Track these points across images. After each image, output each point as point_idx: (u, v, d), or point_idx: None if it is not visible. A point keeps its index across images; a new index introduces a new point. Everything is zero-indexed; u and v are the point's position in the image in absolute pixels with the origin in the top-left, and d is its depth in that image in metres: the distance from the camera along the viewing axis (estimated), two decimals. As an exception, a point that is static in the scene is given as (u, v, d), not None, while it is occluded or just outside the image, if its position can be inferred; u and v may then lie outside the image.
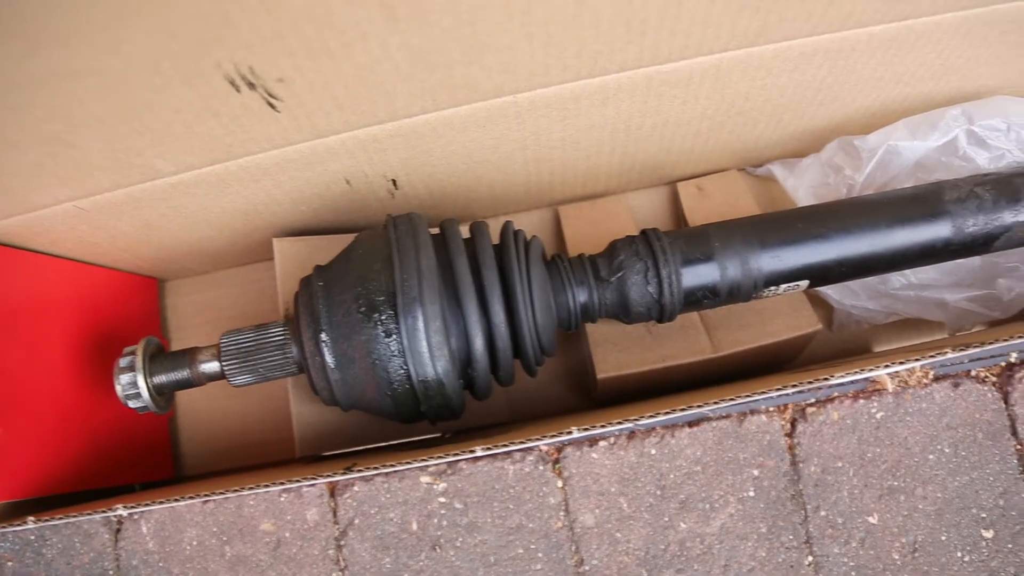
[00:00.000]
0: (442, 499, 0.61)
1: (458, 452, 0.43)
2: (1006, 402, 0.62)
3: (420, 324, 0.45)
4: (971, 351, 0.62)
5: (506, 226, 0.51)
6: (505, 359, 0.48)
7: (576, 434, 0.44)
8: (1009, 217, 0.51)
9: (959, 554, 0.61)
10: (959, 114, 0.54)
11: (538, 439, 0.42)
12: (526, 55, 0.43)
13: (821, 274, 0.50)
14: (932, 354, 0.50)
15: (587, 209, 0.62)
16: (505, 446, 0.44)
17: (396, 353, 0.45)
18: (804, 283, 0.50)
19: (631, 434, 0.61)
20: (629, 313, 0.49)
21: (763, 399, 0.58)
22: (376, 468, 0.47)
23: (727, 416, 0.61)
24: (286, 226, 0.57)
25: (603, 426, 0.42)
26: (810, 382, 0.51)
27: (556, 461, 0.62)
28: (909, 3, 0.47)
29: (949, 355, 0.59)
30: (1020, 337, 0.59)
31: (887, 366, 0.53)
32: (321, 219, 0.56)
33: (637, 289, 0.48)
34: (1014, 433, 0.62)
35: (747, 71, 0.49)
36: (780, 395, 0.58)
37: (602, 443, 0.62)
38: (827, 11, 0.45)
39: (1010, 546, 0.61)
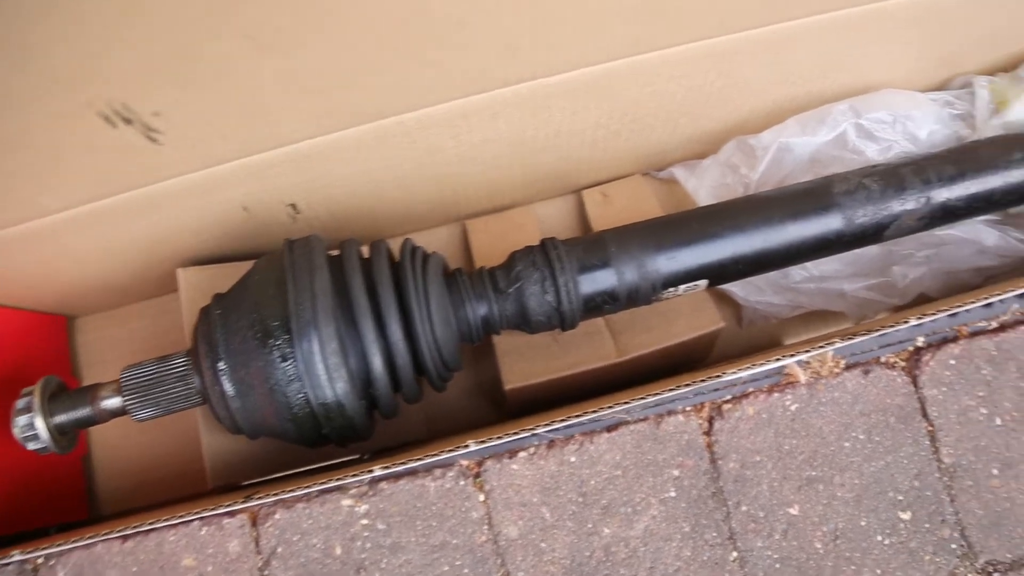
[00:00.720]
0: (364, 521, 0.63)
1: (359, 472, 0.44)
2: (915, 385, 0.65)
3: (316, 347, 0.46)
4: (879, 335, 0.65)
5: (404, 243, 0.52)
6: (406, 376, 0.49)
7: (472, 447, 0.46)
8: (897, 206, 0.54)
9: (879, 538, 0.64)
10: (846, 109, 0.57)
11: (435, 455, 0.44)
12: (407, 76, 0.45)
13: (719, 272, 0.52)
14: (821, 345, 0.52)
15: (494, 222, 0.64)
16: (404, 463, 0.45)
17: (294, 377, 0.46)
18: (703, 282, 0.53)
19: (550, 443, 0.63)
20: (530, 323, 0.51)
21: (672, 396, 0.60)
22: (292, 491, 0.48)
23: (644, 419, 0.63)
24: (191, 256, 0.58)
25: (499, 438, 0.44)
26: (717, 376, 0.53)
27: (477, 475, 0.63)
28: (785, 5, 0.50)
29: (857, 341, 0.62)
30: (921, 319, 0.62)
31: (792, 355, 0.56)
32: (225, 247, 0.58)
33: (535, 299, 0.50)
34: (925, 415, 0.65)
35: (634, 79, 0.51)
36: (692, 391, 0.60)
37: (522, 454, 0.63)
38: (704, 17, 0.48)
39: (927, 526, 0.64)
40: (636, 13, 0.44)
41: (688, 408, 0.65)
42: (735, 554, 0.62)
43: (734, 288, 0.60)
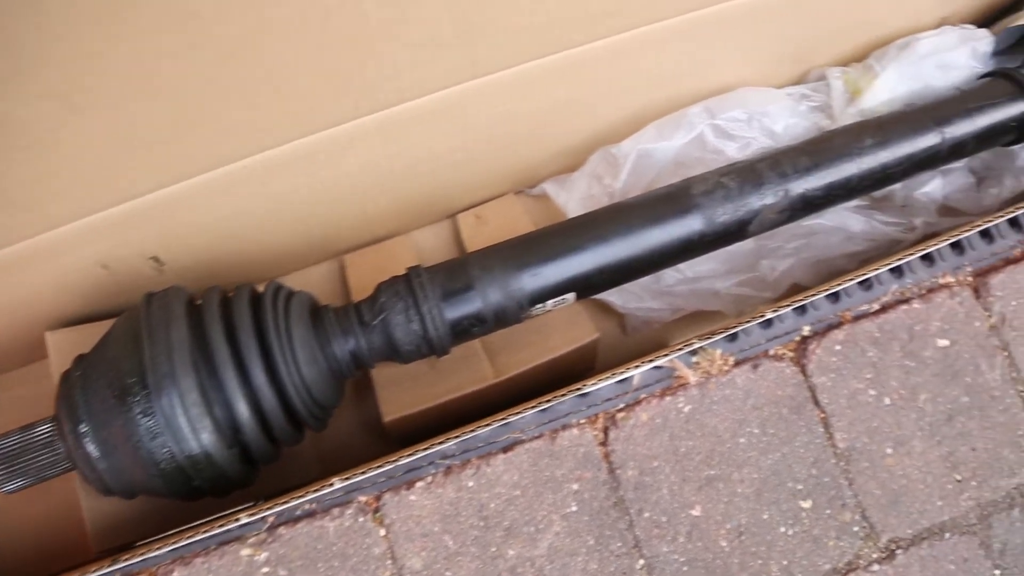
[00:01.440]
0: (265, 569, 0.63)
1: (254, 520, 0.45)
2: (804, 374, 0.67)
3: (175, 400, 0.47)
4: (765, 328, 0.67)
5: (268, 285, 0.53)
6: (276, 420, 0.50)
7: (337, 484, 0.46)
8: (756, 202, 0.57)
9: (783, 529, 0.66)
10: (701, 111, 0.60)
11: (301, 496, 0.45)
12: (242, 122, 0.46)
13: (585, 285, 0.54)
14: (693, 340, 0.54)
15: (372, 254, 0.66)
16: (297, 505, 0.46)
17: (156, 432, 0.47)
18: (571, 296, 0.54)
19: (447, 470, 0.64)
20: (400, 353, 0.52)
21: (565, 408, 0.61)
22: (188, 542, 0.48)
23: (539, 436, 0.65)
24: (58, 318, 0.58)
25: (363, 472, 0.45)
26: (594, 384, 0.55)
27: (376, 510, 0.64)
28: (624, 17, 0.52)
29: (744, 336, 0.64)
30: (800, 306, 0.64)
31: (666, 356, 0.57)
32: (92, 306, 0.58)
33: (401, 329, 0.52)
34: (816, 403, 0.67)
35: (481, 102, 0.53)
36: (585, 403, 0.61)
37: (419, 484, 0.64)
38: (539, 36, 0.49)
39: (828, 511, 0.66)
40: (468, 38, 0.46)
41: (582, 420, 0.66)
42: (642, 562, 0.64)
43: (612, 297, 0.62)
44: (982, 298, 0.72)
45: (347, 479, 0.47)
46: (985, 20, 0.76)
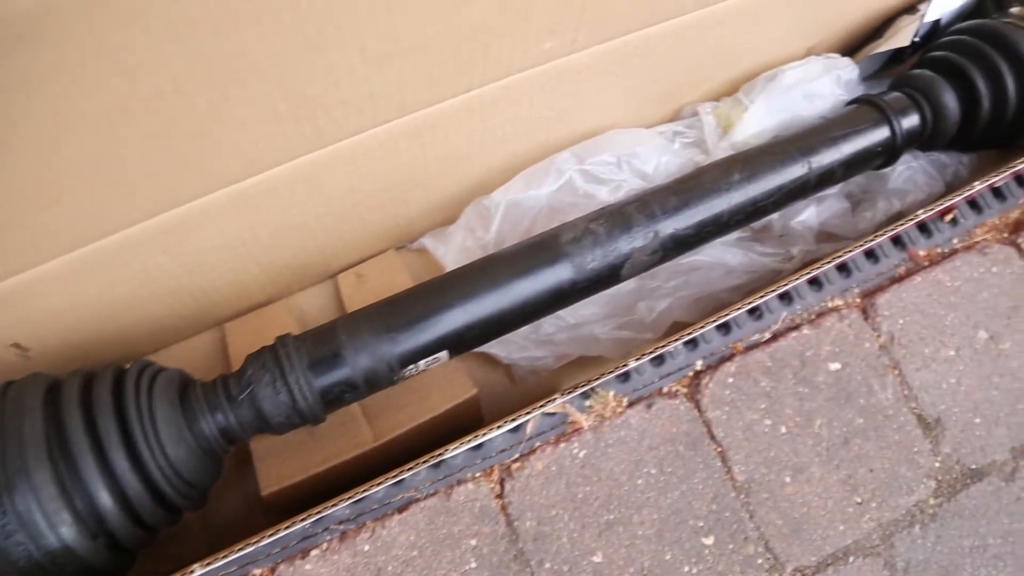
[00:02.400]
0: (156, 656, 0.62)
1: None
2: (699, 410, 0.69)
3: (29, 496, 0.47)
4: (658, 367, 0.69)
5: (133, 365, 0.53)
6: (143, 505, 0.50)
7: (229, 558, 0.47)
8: (626, 245, 0.59)
9: (687, 568, 0.67)
10: (569, 157, 0.62)
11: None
12: (89, 203, 0.47)
13: (456, 342, 0.55)
14: (585, 383, 0.55)
15: (253, 321, 0.66)
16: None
17: (10, 531, 0.47)
18: (443, 354, 0.55)
19: (342, 535, 0.65)
20: (271, 425, 0.53)
21: (459, 463, 0.62)
22: None
23: (434, 493, 0.66)
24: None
25: (255, 543, 0.45)
26: (473, 440, 0.55)
27: (269, 587, 0.63)
28: (476, 73, 0.54)
29: (636, 372, 0.66)
30: (688, 338, 0.66)
31: (558, 400, 0.58)
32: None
33: (269, 401, 0.52)
34: (712, 437, 0.69)
35: (336, 168, 0.55)
36: (479, 455, 0.62)
37: (314, 552, 0.64)
38: (382, 103, 0.51)
39: (731, 546, 0.68)
40: (307, 111, 0.47)
41: (477, 474, 0.67)
42: (546, 614, 0.65)
43: (495, 349, 0.63)
44: (870, 319, 0.75)
45: (239, 551, 0.47)
46: (850, 48, 0.80)
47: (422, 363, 0.56)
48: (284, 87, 0.45)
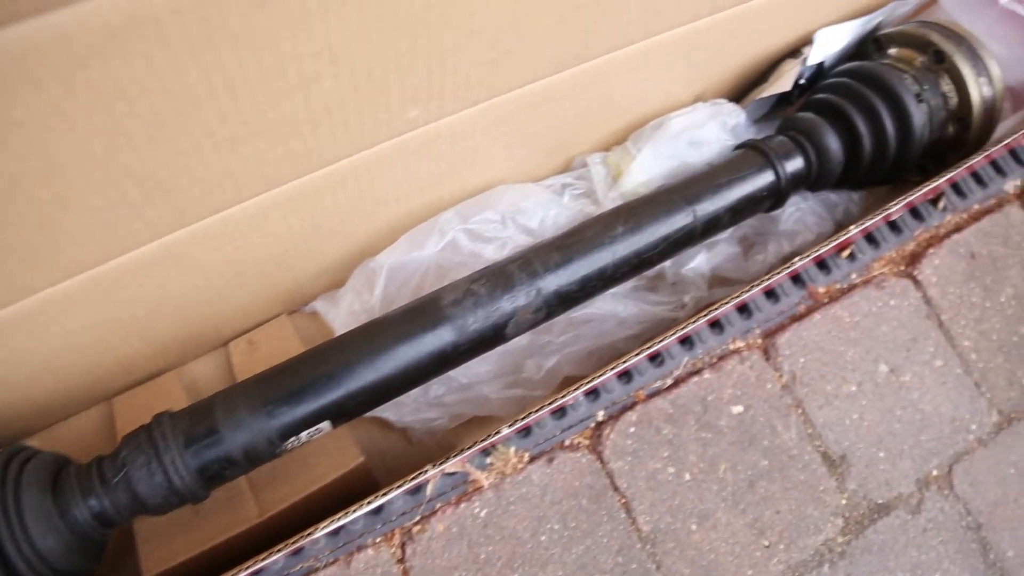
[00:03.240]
0: None
1: None
2: (601, 461, 0.70)
3: None
4: (559, 419, 0.69)
5: (2, 453, 0.53)
6: (10, 602, 0.49)
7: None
8: (508, 305, 0.60)
9: (595, 624, 0.68)
10: (453, 216, 0.63)
11: None
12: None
13: (338, 412, 0.56)
14: (485, 440, 0.56)
15: (141, 395, 0.66)
16: None
17: None
18: (325, 425, 0.56)
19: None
20: (148, 508, 0.53)
21: (358, 527, 0.62)
22: None
23: (334, 562, 0.66)
24: None
25: None
26: (355, 510, 0.56)
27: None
28: (331, 149, 0.55)
29: (537, 426, 0.66)
30: (589, 388, 0.67)
31: (457, 459, 0.59)
32: None
33: (145, 483, 0.52)
34: (616, 489, 0.70)
35: (210, 243, 0.55)
36: (379, 520, 0.62)
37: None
38: (244, 179, 0.51)
39: (639, 601, 0.69)
40: (162, 194, 0.48)
41: (378, 539, 0.67)
42: None
43: (387, 413, 0.64)
44: (772, 359, 0.77)
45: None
46: (739, 93, 0.83)
47: (304, 435, 0.57)
48: (132, 174, 0.45)
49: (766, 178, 0.70)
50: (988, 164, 0.92)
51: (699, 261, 0.72)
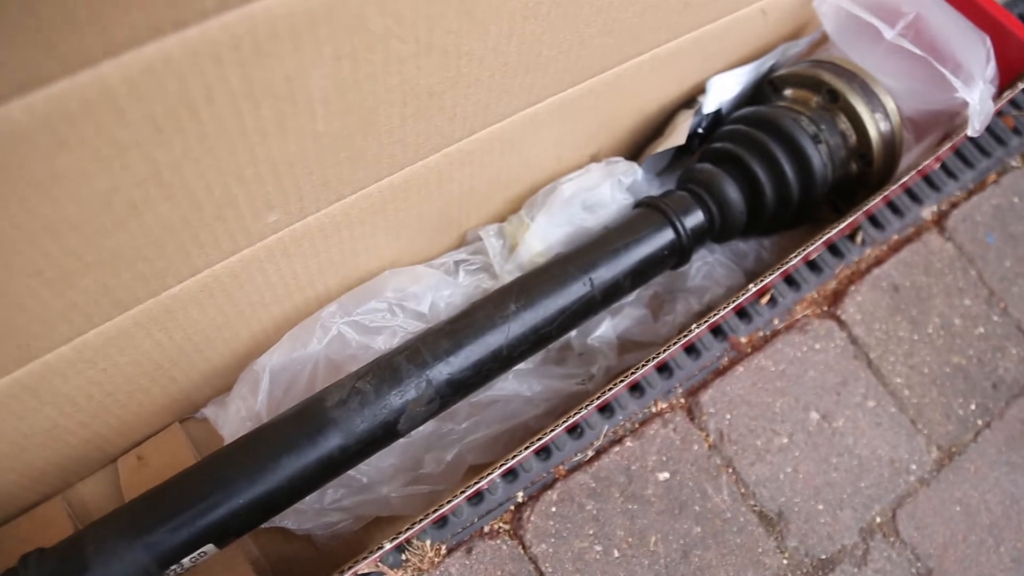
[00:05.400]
0: None
1: None
2: (523, 546, 0.69)
3: None
4: (476, 505, 0.68)
5: None
6: None
7: None
8: (397, 400, 0.59)
9: None
10: (335, 310, 0.62)
11: None
12: None
13: (220, 533, 0.54)
14: (399, 535, 0.55)
15: (23, 526, 0.64)
16: None
17: None
18: (209, 547, 0.55)
19: None
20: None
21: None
22: None
23: None
24: None
25: None
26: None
27: None
28: (186, 264, 0.54)
29: (453, 515, 0.65)
30: (506, 468, 0.66)
31: (369, 558, 0.58)
32: None
33: (10, 633, 0.50)
34: (541, 574, 0.69)
35: (71, 370, 0.54)
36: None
37: None
38: (94, 306, 0.51)
39: None
40: (12, 330, 0.47)
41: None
42: None
43: (286, 522, 0.63)
44: (696, 418, 0.77)
45: None
46: (636, 148, 0.84)
47: (186, 560, 0.55)
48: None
49: (665, 236, 0.71)
50: (903, 193, 0.94)
51: (605, 329, 0.72)
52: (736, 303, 0.68)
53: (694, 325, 0.65)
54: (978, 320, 0.88)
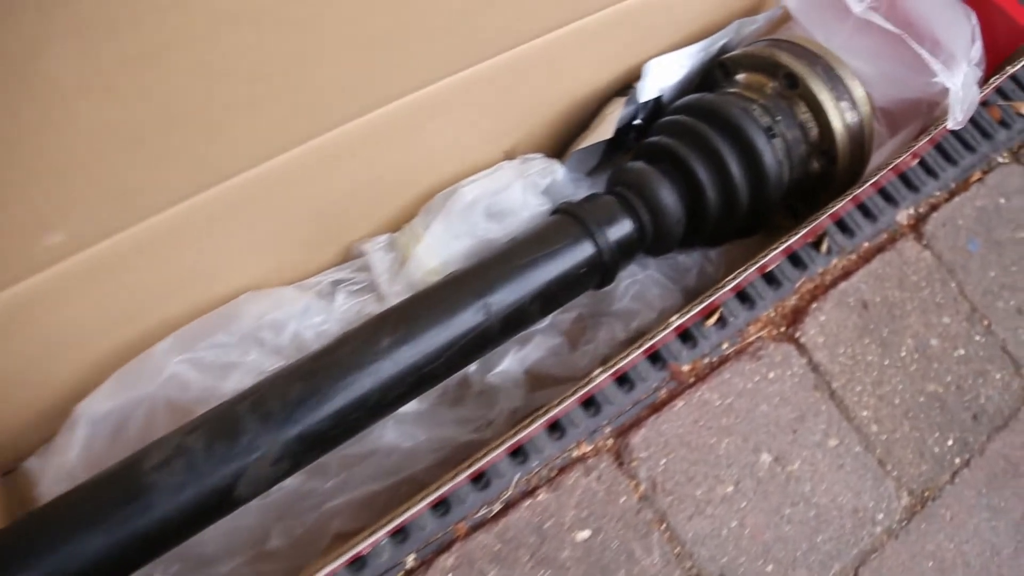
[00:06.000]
0: None
1: None
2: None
3: None
4: (359, 572, 0.57)
5: None
6: None
7: None
8: (234, 460, 0.48)
9: None
10: (172, 345, 0.51)
11: None
12: None
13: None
14: None
15: None
16: None
17: None
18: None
19: None
20: None
21: None
22: None
23: None
24: None
25: None
26: None
27: None
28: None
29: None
30: (394, 526, 0.55)
31: None
32: None
33: None
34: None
35: None
36: None
37: None
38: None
39: None
40: None
41: None
42: None
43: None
44: (625, 464, 0.65)
45: None
46: (561, 144, 0.71)
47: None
48: None
49: (583, 251, 0.59)
50: (876, 193, 0.82)
51: (509, 363, 0.59)
52: (678, 323, 0.56)
53: (630, 350, 0.52)
54: (958, 340, 0.76)
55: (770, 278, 0.75)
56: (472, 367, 0.60)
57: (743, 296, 0.74)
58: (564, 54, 0.62)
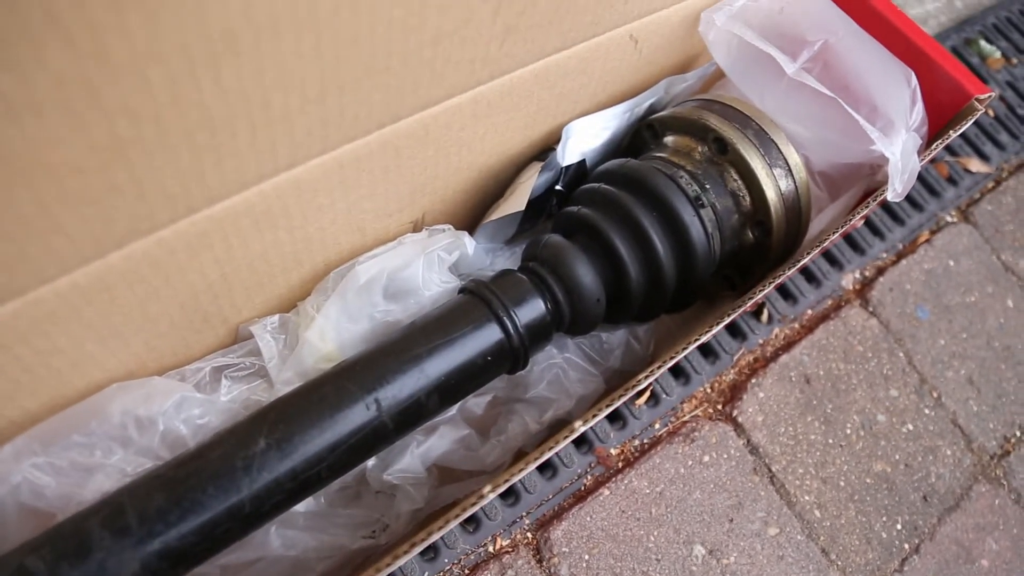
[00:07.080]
0: None
1: None
2: None
3: None
4: None
5: None
6: None
7: None
8: (90, 579, 0.41)
9: None
10: (20, 448, 0.45)
11: None
12: None
13: None
14: None
15: None
16: None
17: None
18: None
19: None
20: None
21: None
22: None
23: None
24: None
25: None
26: None
27: None
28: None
29: None
30: None
31: None
32: None
33: None
34: None
35: None
36: None
37: None
38: None
39: None
40: None
41: None
42: None
43: None
44: (545, 560, 0.59)
45: None
46: (473, 216, 0.66)
47: None
48: None
49: (489, 335, 0.53)
50: (820, 256, 0.78)
51: (409, 460, 0.54)
52: (606, 413, 0.51)
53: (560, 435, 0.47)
54: (906, 415, 0.72)
55: (707, 350, 0.70)
56: (371, 462, 0.55)
57: (677, 371, 0.69)
58: (470, 120, 0.57)
